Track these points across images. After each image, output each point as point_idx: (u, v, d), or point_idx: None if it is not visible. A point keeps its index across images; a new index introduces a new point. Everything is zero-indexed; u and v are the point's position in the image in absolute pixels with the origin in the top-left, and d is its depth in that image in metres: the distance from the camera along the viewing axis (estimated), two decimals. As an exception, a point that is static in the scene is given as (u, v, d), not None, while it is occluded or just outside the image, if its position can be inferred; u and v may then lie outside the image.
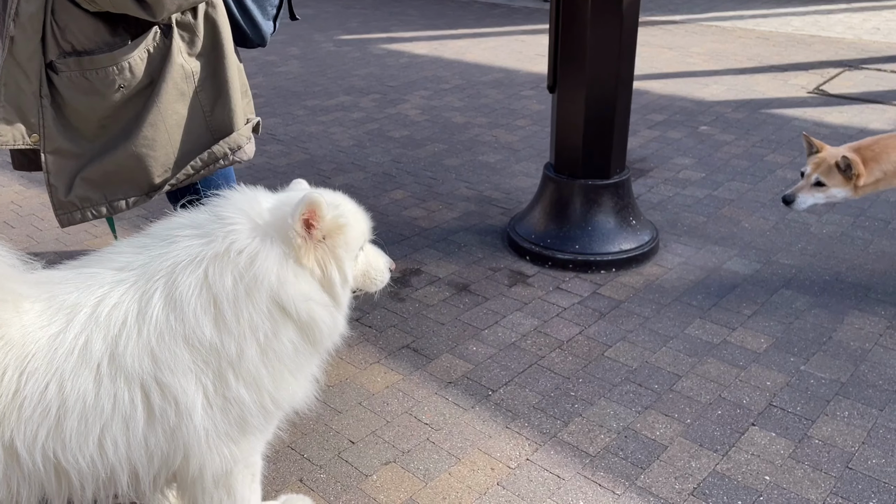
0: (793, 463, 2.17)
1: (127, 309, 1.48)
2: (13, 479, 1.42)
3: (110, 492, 1.55)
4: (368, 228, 1.75)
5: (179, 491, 1.71)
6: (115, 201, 2.05)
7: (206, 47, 2.07)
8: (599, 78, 3.13)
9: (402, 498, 2.07)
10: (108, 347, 1.45)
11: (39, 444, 1.40)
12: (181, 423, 1.50)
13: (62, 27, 1.90)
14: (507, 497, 2.07)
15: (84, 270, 1.56)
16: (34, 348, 1.41)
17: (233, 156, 2.12)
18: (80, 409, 1.42)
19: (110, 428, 1.45)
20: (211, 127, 2.08)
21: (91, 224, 3.69)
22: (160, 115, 2.00)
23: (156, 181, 2.05)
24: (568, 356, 2.69)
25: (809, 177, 2.93)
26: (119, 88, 1.95)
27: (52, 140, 1.97)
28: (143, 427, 1.48)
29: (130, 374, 1.45)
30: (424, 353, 2.72)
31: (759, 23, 8.34)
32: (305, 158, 4.71)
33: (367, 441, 2.28)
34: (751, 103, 5.51)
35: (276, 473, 2.14)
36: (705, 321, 2.87)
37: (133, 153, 1.99)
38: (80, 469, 1.45)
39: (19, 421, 1.38)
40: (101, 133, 2.01)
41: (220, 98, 2.11)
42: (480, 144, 4.90)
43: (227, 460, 1.62)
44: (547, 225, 3.39)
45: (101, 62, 1.93)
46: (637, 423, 2.34)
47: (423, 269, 3.32)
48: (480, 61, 7.10)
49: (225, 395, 1.53)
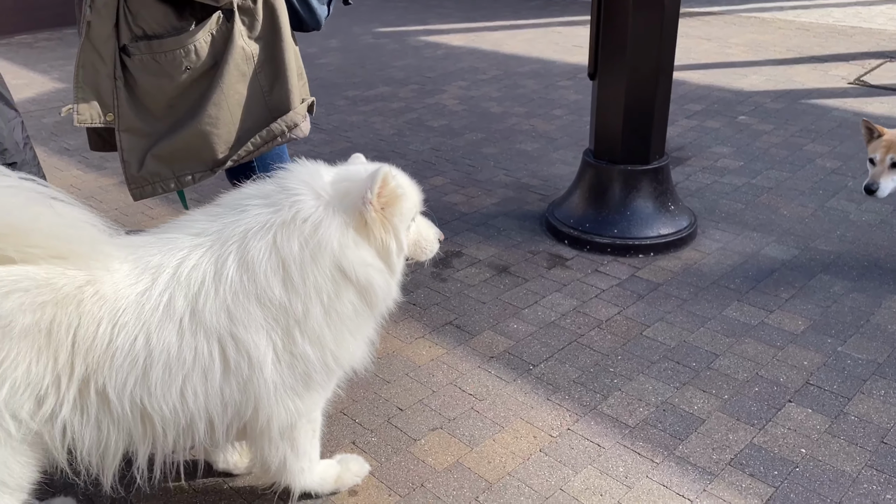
0: (829, 437, 2.22)
1: (205, 270, 1.61)
2: (104, 423, 1.55)
3: (188, 440, 1.68)
4: (420, 200, 1.85)
5: (248, 442, 1.83)
6: (182, 176, 2.18)
7: (265, 30, 2.18)
8: (640, 65, 3.19)
9: (450, 461, 2.17)
10: (189, 304, 1.58)
11: (128, 391, 1.53)
12: (253, 376, 1.62)
13: (134, 13, 2.03)
14: (550, 462, 2.16)
15: (164, 236, 1.69)
16: (125, 303, 1.54)
17: (290, 133, 2.24)
18: (165, 359, 1.55)
19: (191, 378, 1.57)
20: (269, 105, 2.20)
21: (147, 206, 3.86)
22: (223, 94, 2.13)
23: (219, 157, 2.18)
24: (607, 335, 2.76)
25: (884, 161, 2.87)
26: (185, 70, 2.07)
27: (125, 119, 2.10)
28: (219, 378, 1.60)
29: (209, 328, 1.57)
30: (467, 330, 2.82)
31: (800, 14, 8.26)
32: (347, 147, 4.83)
33: (414, 409, 2.39)
34: (790, 94, 5.50)
35: (330, 436, 2.26)
36: (743, 303, 2.92)
37: (199, 131, 2.11)
38: (163, 416, 1.58)
39: (111, 369, 1.51)
40: (170, 112, 2.14)
41: (278, 78, 2.22)
42: (518, 133, 4.98)
43: (292, 413, 1.74)
44: (586, 209, 3.46)
45: (170, 45, 2.06)
46: (675, 398, 2.41)
47: (464, 252, 3.41)
48: (517, 52, 7.16)
49: (292, 352, 1.65)
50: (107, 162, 4.59)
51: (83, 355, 1.50)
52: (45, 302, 1.47)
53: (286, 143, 2.29)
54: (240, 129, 2.19)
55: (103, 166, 4.55)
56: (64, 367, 1.49)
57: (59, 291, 1.49)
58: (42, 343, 1.46)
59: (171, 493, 2.08)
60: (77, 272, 1.53)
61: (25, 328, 1.44)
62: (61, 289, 1.50)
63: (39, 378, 1.47)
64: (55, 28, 8.77)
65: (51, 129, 5.26)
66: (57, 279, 1.50)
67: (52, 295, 1.48)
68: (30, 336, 1.45)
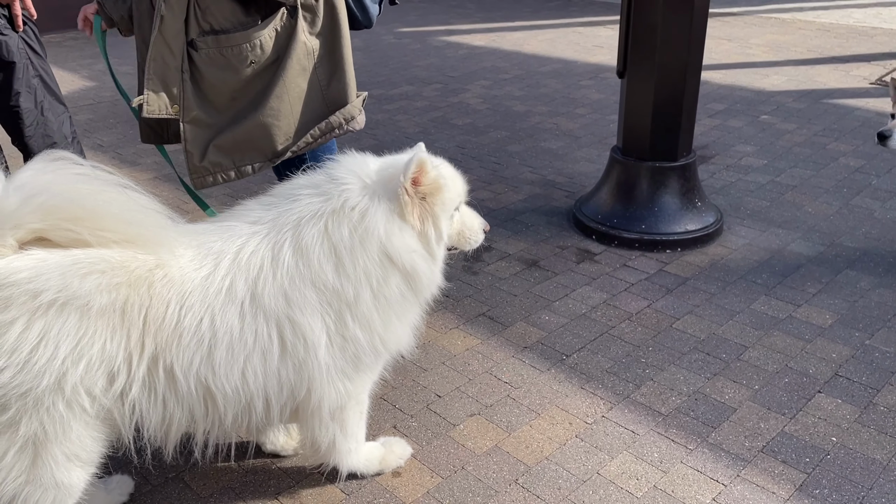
0: (858, 427, 2.27)
1: (263, 255, 1.69)
2: (170, 401, 1.63)
3: (245, 419, 1.76)
4: (464, 191, 1.92)
5: (300, 423, 1.91)
6: (243, 166, 2.27)
7: (325, 27, 2.27)
8: (670, 63, 3.25)
9: (488, 445, 2.24)
10: (249, 288, 1.66)
11: (194, 370, 1.61)
12: (308, 358, 1.70)
13: (203, 9, 2.12)
14: (586, 448, 2.22)
15: (223, 224, 1.78)
16: (190, 287, 1.62)
17: (347, 126, 2.32)
18: (228, 340, 1.63)
19: (251, 359, 1.65)
20: (327, 99, 2.28)
21: (182, 201, 3.95)
22: (285, 87, 2.21)
23: (278, 148, 2.26)
24: (637, 327, 2.82)
25: None
26: (250, 64, 2.16)
27: (189, 110, 2.19)
28: (277, 359, 1.68)
29: (268, 311, 1.65)
30: (500, 321, 2.89)
31: (820, 14, 8.27)
32: (374, 144, 4.91)
33: (452, 395, 2.46)
34: (812, 93, 5.53)
35: (372, 421, 2.33)
36: (770, 298, 2.98)
37: (261, 123, 2.20)
38: (225, 394, 1.66)
39: (179, 348, 1.60)
40: (232, 105, 2.22)
41: (336, 73, 2.31)
42: (542, 132, 5.04)
43: (342, 395, 1.82)
44: (613, 205, 3.52)
45: (237, 40, 2.15)
46: (706, 388, 2.47)
47: (494, 246, 3.48)
48: (538, 52, 7.22)
49: (343, 335, 1.73)
50: (140, 158, 4.70)
51: (153, 335, 1.58)
52: (120, 283, 1.55)
53: (343, 135, 2.37)
54: (299, 121, 2.27)
55: (137, 162, 4.65)
56: (136, 345, 1.57)
57: (132, 273, 1.58)
58: (116, 322, 1.55)
59: (222, 472, 2.16)
60: (147, 256, 1.61)
61: (102, 307, 1.53)
62: (134, 271, 1.58)
63: (113, 356, 1.55)
64: (82, 27, 8.90)
65: (84, 126, 5.37)
66: (130, 262, 1.59)
67: (126, 277, 1.57)
68: (106, 315, 1.53)
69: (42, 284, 1.48)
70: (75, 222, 1.56)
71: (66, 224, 1.55)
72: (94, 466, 1.69)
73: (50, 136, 2.89)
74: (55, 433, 1.55)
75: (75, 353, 1.50)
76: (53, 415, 1.53)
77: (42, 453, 1.56)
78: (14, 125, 2.83)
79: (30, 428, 1.52)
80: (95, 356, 1.53)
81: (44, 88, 2.91)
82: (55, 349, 1.48)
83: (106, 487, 2.01)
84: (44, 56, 2.97)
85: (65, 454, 1.59)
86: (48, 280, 1.49)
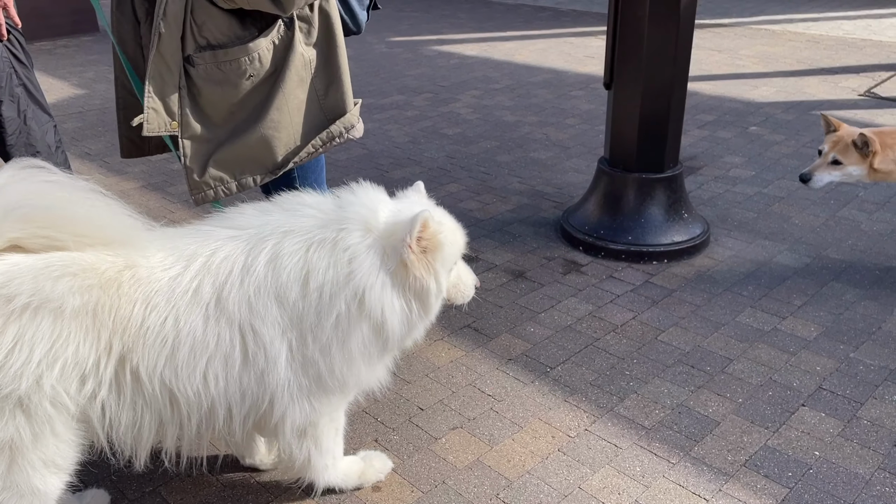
0: (842, 440, 2.26)
1: (234, 261, 1.68)
2: (138, 403, 1.63)
3: (210, 425, 1.74)
4: (464, 244, 1.90)
5: (270, 438, 1.89)
6: (244, 179, 2.25)
7: (321, 37, 2.26)
8: (656, 75, 3.25)
9: (470, 459, 2.22)
10: (216, 292, 1.65)
11: (158, 372, 1.62)
12: (268, 370, 1.70)
13: (199, 24, 2.11)
14: (568, 462, 2.21)
15: (202, 228, 1.78)
16: (157, 286, 1.63)
17: (347, 134, 2.31)
18: (191, 342, 1.63)
19: (213, 362, 1.65)
20: (324, 109, 2.28)
21: (169, 209, 3.94)
22: (284, 99, 2.20)
23: (279, 160, 2.25)
24: (622, 339, 2.81)
25: (827, 155, 3.01)
26: (249, 77, 2.14)
27: (188, 126, 2.17)
28: (238, 366, 1.67)
29: (231, 317, 1.65)
30: (485, 333, 2.87)
31: (810, 26, 8.32)
32: (364, 154, 4.90)
33: (434, 408, 2.45)
34: (801, 105, 5.55)
35: (353, 434, 2.31)
36: (756, 310, 2.97)
37: (261, 135, 2.19)
38: (188, 398, 1.65)
39: (144, 348, 1.60)
40: (230, 119, 2.21)
41: (333, 83, 2.30)
42: (531, 142, 5.04)
43: (307, 413, 1.80)
44: (600, 217, 3.51)
45: (235, 54, 2.13)
46: (690, 401, 2.46)
47: (481, 257, 3.47)
48: (530, 62, 7.24)
49: (304, 354, 1.72)
50: (128, 167, 4.68)
51: (120, 335, 1.58)
52: (92, 285, 1.56)
53: (343, 143, 2.36)
54: (299, 132, 2.27)
55: (124, 171, 4.63)
56: (104, 347, 1.57)
57: (102, 275, 1.58)
58: (89, 324, 1.55)
59: (200, 486, 2.14)
60: (117, 258, 1.62)
61: (76, 309, 1.53)
62: (104, 273, 1.59)
63: (85, 358, 1.55)
64: (73, 35, 8.90)
65: (72, 135, 5.35)
66: (100, 264, 1.59)
67: (97, 279, 1.57)
68: (79, 317, 1.53)
69: (15, 289, 1.48)
70: (53, 229, 1.56)
71: (44, 231, 1.56)
72: (69, 474, 1.68)
73: (33, 145, 2.88)
74: (32, 438, 1.54)
75: (50, 356, 1.50)
76: (30, 419, 1.52)
77: (18, 459, 1.55)
78: (-5, 134, 2.82)
79: (6, 433, 1.51)
80: (70, 358, 1.53)
81: (28, 97, 2.89)
82: (30, 353, 1.48)
83: (81, 501, 1.99)
84: (29, 65, 2.95)
85: (41, 460, 1.58)
86: (21, 284, 1.49)
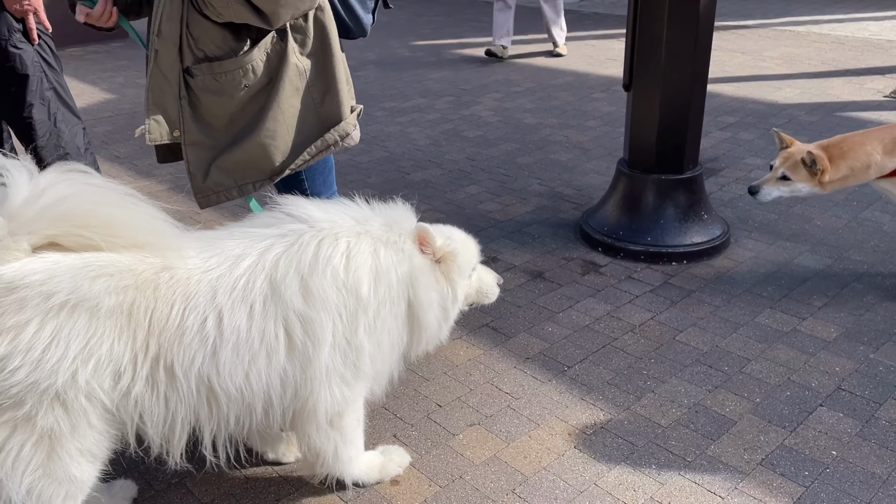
0: (859, 440, 2.26)
1: (289, 256, 1.79)
2: (172, 400, 1.69)
3: (247, 421, 1.79)
4: (477, 252, 2.10)
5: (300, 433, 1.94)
6: (244, 185, 2.33)
7: (316, 47, 2.31)
8: (675, 77, 3.27)
9: (487, 455, 2.26)
10: (270, 284, 1.74)
11: (195, 370, 1.67)
12: (314, 356, 1.77)
13: (195, 38, 2.18)
14: (584, 459, 2.23)
15: (245, 229, 1.88)
16: (197, 287, 1.69)
17: (342, 142, 2.36)
18: (235, 340, 1.69)
19: (257, 358, 1.72)
20: (321, 117, 2.33)
21: (195, 211, 4.02)
22: (279, 108, 2.26)
23: (277, 166, 2.31)
24: (640, 339, 2.83)
25: (776, 171, 3.04)
26: (244, 88, 2.21)
27: (190, 134, 2.25)
28: (283, 357, 1.75)
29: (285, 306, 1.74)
30: (503, 332, 2.90)
31: (835, 27, 8.24)
32: (385, 156, 4.96)
33: (452, 405, 2.48)
34: (825, 107, 5.51)
35: (372, 430, 2.36)
36: (775, 311, 2.97)
37: (259, 143, 2.25)
38: (229, 394, 1.72)
39: (180, 347, 1.65)
40: (231, 127, 2.28)
41: (329, 91, 2.35)
42: (552, 144, 5.06)
43: (339, 401, 1.85)
44: (619, 218, 3.53)
45: (229, 66, 2.20)
46: (707, 401, 2.47)
47: (500, 258, 3.50)
48: (551, 65, 7.26)
49: (349, 340, 1.78)
50: (156, 169, 4.78)
51: (157, 335, 1.64)
52: (128, 286, 1.62)
53: (340, 150, 2.41)
54: (295, 140, 2.32)
55: (153, 174, 4.73)
56: (141, 346, 1.63)
57: (139, 276, 1.65)
58: (123, 323, 1.61)
59: (224, 478, 2.19)
60: (154, 259, 1.69)
61: (111, 309, 1.59)
62: (141, 274, 1.65)
63: (119, 356, 1.61)
64: (103, 41, 9.09)
65: (102, 138, 5.48)
66: (137, 265, 1.66)
67: (133, 280, 1.64)
68: (114, 316, 1.60)
69: (54, 286, 1.55)
70: (88, 229, 1.64)
71: (79, 230, 1.63)
72: (102, 463, 1.75)
73: (62, 147, 2.97)
74: (70, 428, 1.61)
75: (85, 353, 1.57)
76: (68, 411, 1.59)
77: (57, 448, 1.62)
78: (27, 136, 2.91)
79: (46, 422, 1.58)
80: (104, 356, 1.60)
81: (58, 101, 2.99)
82: (66, 349, 1.55)
83: (110, 491, 2.05)
84: (59, 69, 3.05)
85: (78, 449, 1.65)
86: (60, 282, 1.56)
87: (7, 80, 2.87)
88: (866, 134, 2.94)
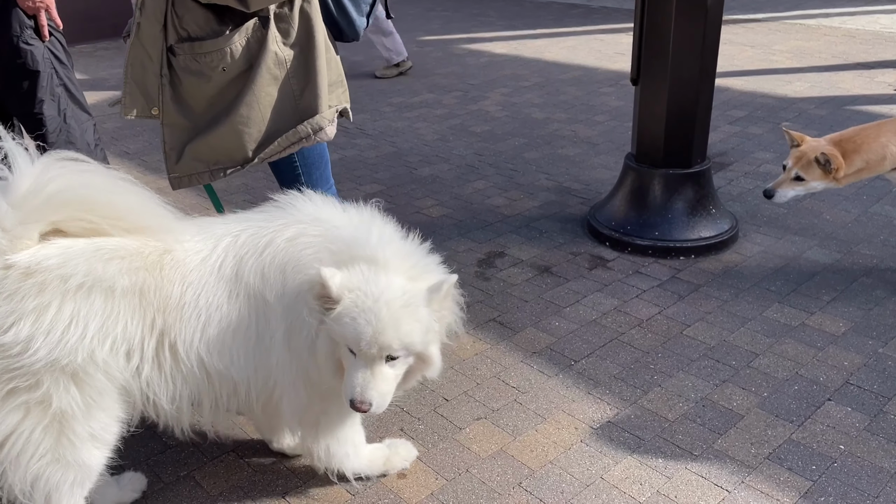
0: (868, 435, 2.25)
1: (260, 239, 1.79)
2: (178, 378, 1.73)
3: (234, 402, 1.84)
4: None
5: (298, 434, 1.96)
6: (216, 170, 2.35)
7: (300, 38, 2.31)
8: (683, 71, 3.25)
9: (494, 449, 2.26)
10: (236, 265, 1.76)
11: (195, 347, 1.71)
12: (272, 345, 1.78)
13: (180, 16, 2.21)
14: (590, 452, 2.23)
15: (240, 216, 1.90)
16: (191, 266, 1.74)
17: (315, 136, 2.36)
18: (218, 316, 1.73)
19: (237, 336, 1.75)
20: (299, 109, 2.33)
21: (205, 207, 4.04)
22: (255, 96, 2.27)
23: (249, 154, 2.32)
24: (647, 333, 2.83)
25: (790, 171, 3.00)
26: (221, 71, 2.23)
27: (168, 115, 2.28)
28: (254, 339, 1.77)
29: (249, 288, 1.76)
30: (510, 326, 2.91)
31: (846, 20, 8.18)
32: (393, 151, 4.96)
33: (459, 399, 2.49)
34: (835, 100, 5.47)
35: (379, 423, 2.37)
36: (784, 305, 2.96)
37: (232, 129, 2.27)
38: (219, 371, 1.75)
39: (181, 323, 1.70)
40: (209, 110, 2.30)
41: (309, 84, 2.35)
42: (560, 139, 5.05)
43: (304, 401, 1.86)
44: (627, 212, 3.52)
45: (208, 47, 2.22)
46: (714, 395, 2.46)
47: (507, 252, 3.50)
48: (559, 60, 7.24)
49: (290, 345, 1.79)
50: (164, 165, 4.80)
51: (163, 313, 1.69)
52: (139, 267, 1.68)
53: (312, 145, 2.40)
54: (269, 129, 2.32)
55: (161, 169, 4.74)
56: (149, 325, 1.68)
57: (147, 259, 1.70)
58: (136, 303, 1.66)
59: (232, 471, 2.21)
60: (157, 243, 1.73)
61: (125, 289, 1.64)
62: (148, 256, 1.71)
63: (132, 335, 1.66)
64: (113, 38, 9.13)
65: (111, 134, 5.50)
66: (144, 248, 1.71)
67: (143, 261, 1.69)
68: (128, 296, 1.65)
69: (71, 269, 1.60)
70: (91, 213, 1.67)
71: (82, 215, 1.67)
72: (111, 449, 1.78)
73: (73, 143, 2.99)
74: (83, 410, 1.64)
75: (102, 332, 1.62)
76: (83, 391, 1.63)
77: (66, 431, 1.66)
78: (37, 132, 2.93)
79: (60, 403, 1.61)
80: (119, 335, 1.64)
81: (68, 97, 3.01)
82: (84, 328, 1.59)
83: (119, 483, 2.07)
84: (69, 66, 3.06)
85: (89, 433, 1.69)
86: (76, 265, 1.60)
87: (18, 76, 2.89)
88: (880, 126, 2.92)
